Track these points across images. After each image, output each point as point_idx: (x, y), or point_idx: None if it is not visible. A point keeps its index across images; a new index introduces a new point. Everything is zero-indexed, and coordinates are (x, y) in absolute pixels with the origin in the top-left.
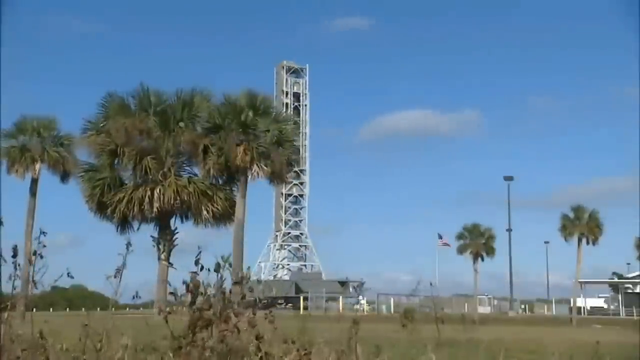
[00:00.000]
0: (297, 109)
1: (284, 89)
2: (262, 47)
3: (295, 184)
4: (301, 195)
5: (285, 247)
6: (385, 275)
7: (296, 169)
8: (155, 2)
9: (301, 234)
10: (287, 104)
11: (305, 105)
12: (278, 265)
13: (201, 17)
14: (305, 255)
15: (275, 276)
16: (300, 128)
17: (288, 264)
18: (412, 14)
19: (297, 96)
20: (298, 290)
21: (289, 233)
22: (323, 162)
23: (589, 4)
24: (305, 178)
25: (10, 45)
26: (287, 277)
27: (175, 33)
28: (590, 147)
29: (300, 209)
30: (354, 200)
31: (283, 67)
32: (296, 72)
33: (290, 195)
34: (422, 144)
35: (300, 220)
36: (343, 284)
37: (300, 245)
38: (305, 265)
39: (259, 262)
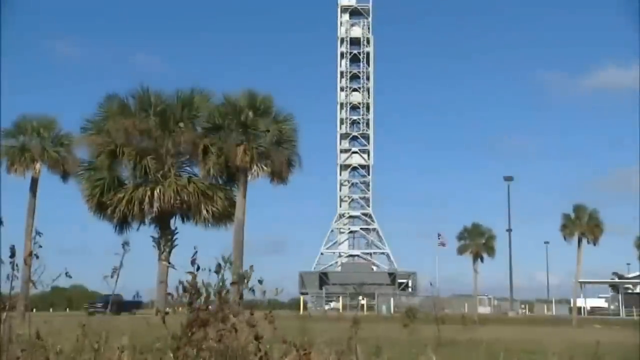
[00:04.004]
0: (356, 58)
1: (339, 34)
2: None
3: (354, 152)
4: (363, 167)
5: (342, 231)
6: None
7: (356, 133)
8: None
9: (364, 214)
10: (342, 53)
11: (368, 53)
12: (338, 254)
13: None
14: (376, 242)
15: (332, 265)
16: (361, 82)
17: (347, 252)
18: None
19: (356, 42)
20: (323, 284)
21: (345, 214)
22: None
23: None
24: (370, 146)
25: (10, 45)
26: (339, 269)
27: None
28: (591, 146)
29: (363, 183)
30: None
31: (339, 7)
32: (356, 13)
33: (348, 166)
34: None
35: (363, 198)
36: (391, 275)
37: (362, 229)
38: (376, 253)
39: (322, 251)
